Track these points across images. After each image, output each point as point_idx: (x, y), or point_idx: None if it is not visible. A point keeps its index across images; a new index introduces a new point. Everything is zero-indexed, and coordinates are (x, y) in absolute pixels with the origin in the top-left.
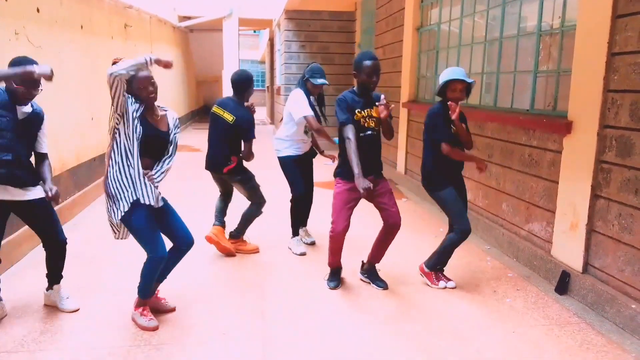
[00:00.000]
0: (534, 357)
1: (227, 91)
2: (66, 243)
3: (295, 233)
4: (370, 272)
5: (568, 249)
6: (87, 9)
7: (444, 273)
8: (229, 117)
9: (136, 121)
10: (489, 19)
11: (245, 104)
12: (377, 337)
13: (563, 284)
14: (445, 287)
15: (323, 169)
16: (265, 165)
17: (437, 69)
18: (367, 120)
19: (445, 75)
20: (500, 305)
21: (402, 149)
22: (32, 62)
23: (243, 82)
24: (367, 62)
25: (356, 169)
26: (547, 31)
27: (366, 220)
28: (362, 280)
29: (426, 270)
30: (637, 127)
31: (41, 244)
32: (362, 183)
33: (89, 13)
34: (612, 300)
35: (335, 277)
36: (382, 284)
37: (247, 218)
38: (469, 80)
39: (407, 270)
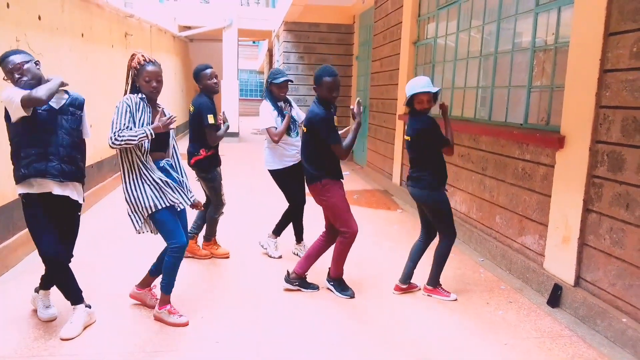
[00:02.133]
0: None
1: (226, 100)
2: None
3: (277, 234)
4: (300, 280)
5: (560, 262)
6: (88, 17)
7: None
8: (191, 108)
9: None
10: (485, 34)
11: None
12: (371, 348)
13: (555, 297)
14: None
15: None
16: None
17: (433, 82)
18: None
19: (409, 89)
20: (493, 317)
21: (397, 161)
22: (17, 52)
23: (194, 75)
24: (327, 78)
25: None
26: (541, 47)
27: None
28: (289, 289)
29: (430, 288)
30: (629, 142)
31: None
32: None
33: (90, 21)
34: (603, 314)
35: (346, 285)
36: (315, 287)
37: (208, 219)
38: (433, 90)
39: (395, 281)
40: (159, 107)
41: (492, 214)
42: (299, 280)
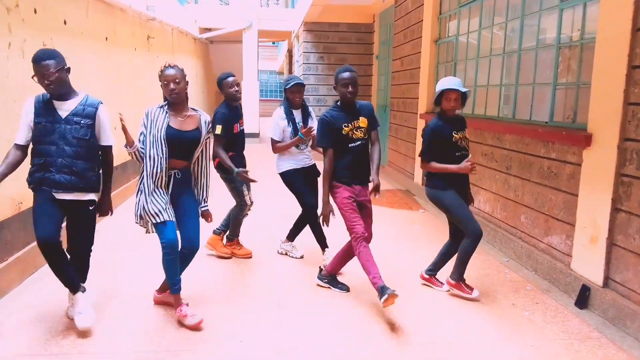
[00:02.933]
0: None
1: (246, 101)
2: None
3: (290, 239)
4: (329, 278)
5: (588, 262)
6: (111, 21)
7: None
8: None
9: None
10: (508, 31)
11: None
12: (391, 348)
13: (583, 298)
14: (474, 297)
15: None
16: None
17: None
18: (354, 132)
19: (440, 85)
20: (519, 319)
21: (419, 160)
22: (52, 56)
23: (217, 83)
24: (344, 74)
25: (325, 196)
26: (567, 43)
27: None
28: (320, 285)
29: (453, 282)
30: None
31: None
32: (324, 209)
33: (113, 25)
34: (633, 315)
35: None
36: (344, 287)
37: (232, 219)
38: (463, 90)
39: (420, 281)
40: (187, 113)
41: (516, 213)
42: (328, 278)
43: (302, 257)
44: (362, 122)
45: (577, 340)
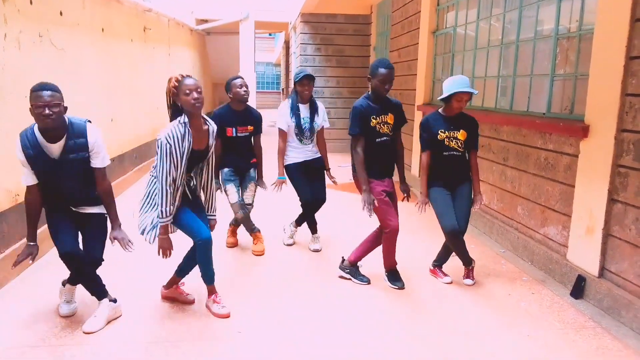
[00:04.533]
0: None
1: None
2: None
3: (297, 224)
4: (352, 269)
5: (584, 253)
6: (107, 12)
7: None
8: None
9: (184, 157)
10: (506, 22)
11: None
12: (390, 339)
13: (578, 288)
14: (450, 283)
15: (338, 170)
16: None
17: (452, 73)
18: (381, 126)
19: (453, 86)
20: (515, 309)
21: (416, 152)
22: (51, 89)
23: (225, 86)
24: (382, 70)
25: (364, 184)
26: (565, 34)
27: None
28: (342, 277)
29: (431, 267)
30: None
31: None
32: (367, 198)
33: (110, 16)
34: (628, 305)
35: (398, 276)
36: (365, 279)
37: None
38: (475, 92)
39: (419, 273)
40: (206, 125)
41: (513, 204)
42: (350, 269)
43: (290, 245)
44: (390, 118)
45: (572, 330)
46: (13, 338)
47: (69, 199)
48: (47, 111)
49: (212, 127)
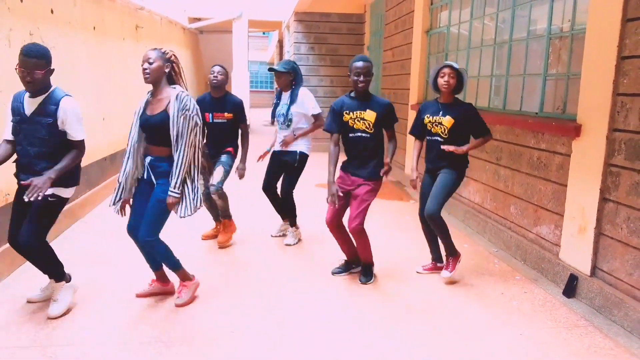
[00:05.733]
0: (541, 359)
1: (236, 92)
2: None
3: (283, 219)
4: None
5: (576, 252)
6: (99, 10)
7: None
8: None
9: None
10: (499, 22)
11: None
12: (384, 338)
13: (571, 287)
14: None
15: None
16: None
17: None
18: (355, 122)
19: (436, 68)
20: (508, 308)
21: (410, 151)
22: (40, 54)
23: None
24: (356, 64)
25: (329, 176)
26: (557, 34)
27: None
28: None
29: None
30: None
31: (55, 239)
32: (331, 189)
33: (102, 14)
34: (620, 304)
35: (345, 268)
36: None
37: None
38: (456, 66)
39: (411, 272)
40: (160, 96)
41: (506, 204)
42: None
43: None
44: (368, 115)
45: (564, 329)
46: (3, 337)
47: (20, 162)
48: (25, 74)
49: (178, 94)
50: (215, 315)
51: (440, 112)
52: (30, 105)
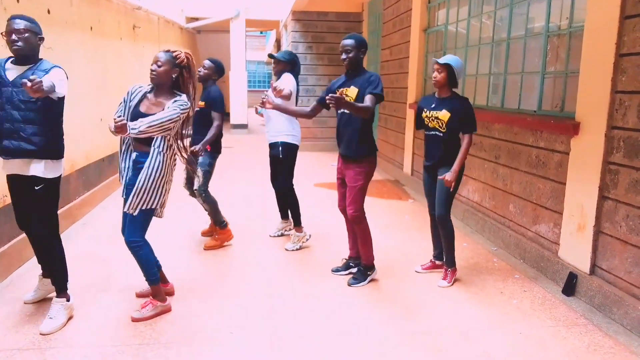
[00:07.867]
0: (541, 358)
1: (234, 92)
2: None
3: (285, 219)
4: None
5: (575, 250)
6: (96, 10)
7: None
8: None
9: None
10: (497, 20)
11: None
12: (384, 337)
13: (570, 286)
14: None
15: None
16: None
17: None
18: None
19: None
20: (507, 307)
21: (408, 150)
22: (27, 20)
23: None
24: (342, 41)
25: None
26: (555, 32)
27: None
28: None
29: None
30: None
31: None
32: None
33: (98, 14)
34: (619, 302)
35: (344, 267)
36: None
37: None
38: (441, 61)
39: (411, 271)
40: (161, 99)
41: (505, 202)
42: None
43: (299, 249)
44: (351, 91)
45: (564, 327)
46: (2, 341)
47: (4, 128)
48: (13, 37)
49: (176, 100)
50: (215, 315)
51: (437, 106)
52: (14, 71)
